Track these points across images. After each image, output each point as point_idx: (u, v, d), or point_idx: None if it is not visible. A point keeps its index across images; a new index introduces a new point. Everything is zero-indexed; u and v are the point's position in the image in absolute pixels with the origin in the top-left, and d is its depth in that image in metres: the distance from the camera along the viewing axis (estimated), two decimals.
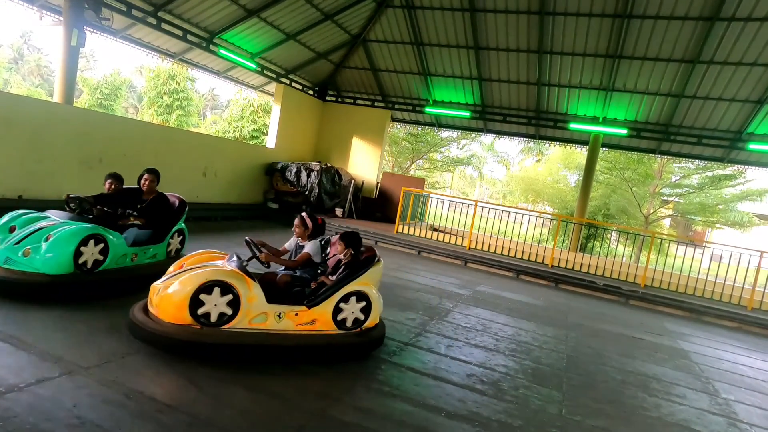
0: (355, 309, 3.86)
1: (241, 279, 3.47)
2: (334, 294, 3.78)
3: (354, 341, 3.84)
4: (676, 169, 21.20)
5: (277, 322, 3.59)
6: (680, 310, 8.78)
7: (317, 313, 3.73)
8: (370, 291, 3.92)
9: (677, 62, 10.54)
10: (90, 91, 27.07)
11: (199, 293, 3.31)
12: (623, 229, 16.38)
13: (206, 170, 10.87)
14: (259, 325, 3.53)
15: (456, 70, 12.93)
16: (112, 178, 5.02)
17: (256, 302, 3.49)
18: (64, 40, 8.23)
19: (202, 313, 3.33)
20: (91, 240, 4.12)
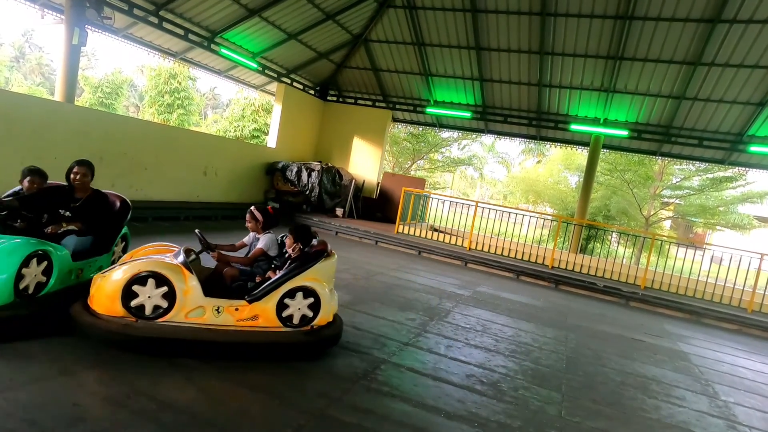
0: (302, 305, 3.66)
1: (176, 271, 3.36)
2: (277, 289, 3.60)
3: (301, 339, 3.64)
4: (676, 170, 21.20)
5: (215, 316, 3.44)
6: (680, 312, 8.78)
7: (259, 309, 3.55)
8: (319, 287, 3.70)
9: (678, 64, 10.55)
10: (91, 90, 27.10)
11: (132, 284, 3.21)
12: (623, 230, 16.37)
13: (207, 169, 10.88)
14: (197, 319, 3.40)
15: (457, 70, 12.94)
16: (33, 174, 3.84)
17: (191, 295, 3.36)
18: (65, 39, 8.24)
19: (135, 305, 3.23)
20: (34, 258, 3.25)
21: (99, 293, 3.29)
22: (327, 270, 3.87)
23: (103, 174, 8.37)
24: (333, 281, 4.04)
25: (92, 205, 3.91)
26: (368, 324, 4.95)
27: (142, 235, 7.55)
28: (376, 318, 5.21)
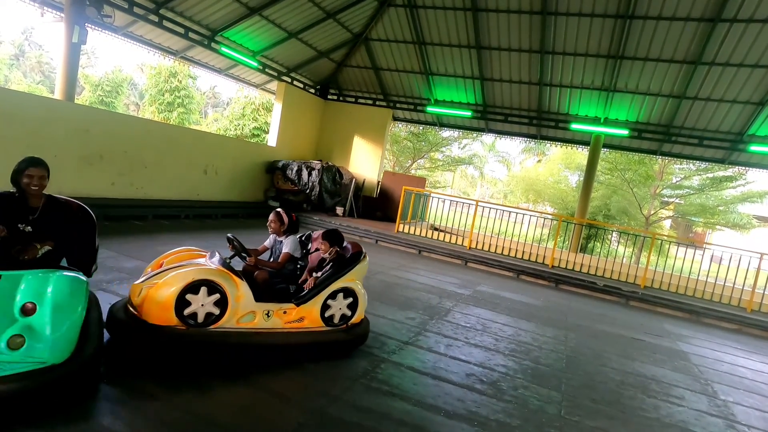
0: (342, 305, 3.88)
1: (228, 278, 3.40)
2: (322, 291, 3.79)
3: (340, 338, 3.86)
4: (676, 170, 21.20)
5: (265, 320, 3.54)
6: (680, 311, 8.79)
7: (305, 311, 3.73)
8: (357, 287, 3.96)
9: (679, 63, 10.54)
10: (91, 88, 27.10)
11: (185, 293, 3.20)
12: (624, 230, 16.39)
13: (207, 168, 10.89)
14: (247, 324, 3.47)
15: (458, 69, 12.93)
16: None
17: (244, 301, 3.42)
18: (65, 37, 8.23)
19: (188, 313, 3.22)
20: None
21: (151, 303, 3.19)
22: (362, 270, 4.10)
23: (104, 172, 8.41)
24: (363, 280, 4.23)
25: (54, 215, 3.03)
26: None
27: (144, 233, 7.58)
28: (376, 317, 5.21)
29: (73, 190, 7.85)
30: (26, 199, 2.97)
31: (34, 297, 2.46)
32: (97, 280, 4.71)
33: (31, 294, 2.47)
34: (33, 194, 2.96)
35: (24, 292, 2.46)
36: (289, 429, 2.70)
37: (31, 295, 2.46)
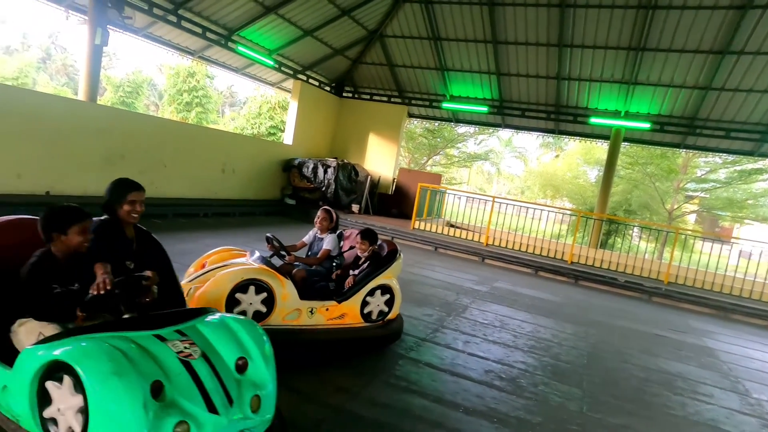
0: (380, 302, 4.01)
1: (274, 277, 3.47)
2: (362, 289, 3.89)
3: (378, 333, 3.97)
4: (701, 163, 20.63)
5: (309, 317, 3.64)
6: (706, 307, 8.54)
7: (347, 308, 3.83)
8: (393, 284, 4.08)
9: (705, 54, 10.19)
10: (113, 89, 27.68)
11: (235, 292, 3.29)
12: (646, 225, 16.00)
13: (225, 167, 11.01)
14: (292, 322, 3.57)
15: (474, 64, 12.79)
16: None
17: (289, 299, 3.51)
18: (88, 39, 8.40)
19: (238, 312, 3.28)
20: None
21: (201, 303, 3.21)
22: (398, 268, 4.20)
23: (126, 172, 8.53)
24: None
25: (145, 244, 2.75)
26: None
27: (165, 232, 7.71)
28: None
29: (97, 189, 8.02)
30: (122, 229, 2.66)
31: (237, 350, 2.15)
32: None
33: (229, 347, 2.15)
34: (130, 222, 2.65)
35: (221, 346, 2.14)
36: (308, 425, 2.71)
37: (230, 348, 2.14)
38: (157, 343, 1.95)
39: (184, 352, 1.97)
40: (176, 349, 1.96)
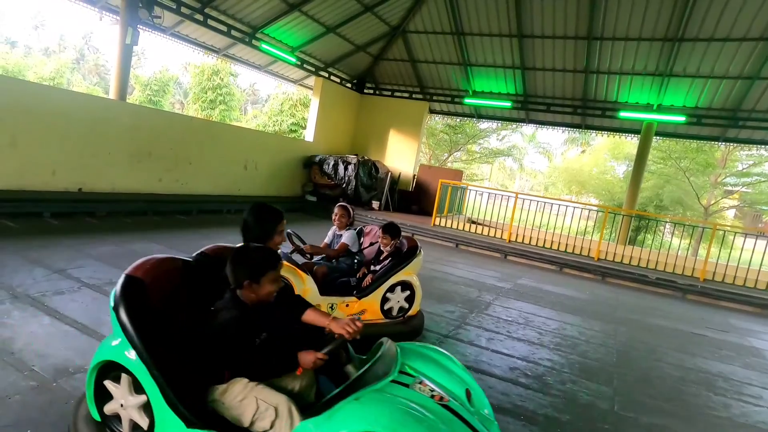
0: (401, 298, 3.99)
1: (294, 273, 3.47)
2: (382, 285, 3.89)
3: (398, 330, 3.91)
4: (743, 156, 19.80)
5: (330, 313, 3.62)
6: (748, 305, 8.20)
7: (366, 304, 3.84)
8: (414, 280, 4.05)
9: (753, 41, 9.68)
10: (141, 88, 28.34)
11: None
12: (680, 220, 15.49)
13: (247, 164, 11.16)
14: None
15: (498, 59, 12.61)
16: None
17: (310, 295, 3.49)
18: (119, 39, 8.63)
19: None
20: None
21: None
22: (418, 264, 4.20)
23: (152, 169, 8.78)
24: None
25: None
26: None
27: (190, 228, 7.88)
28: None
29: (125, 186, 8.26)
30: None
31: (460, 382, 2.09)
32: None
33: (453, 380, 2.07)
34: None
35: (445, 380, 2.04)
36: None
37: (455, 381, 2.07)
38: (410, 392, 1.79)
39: (435, 396, 1.82)
40: (426, 393, 1.81)
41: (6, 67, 27.92)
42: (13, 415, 2.28)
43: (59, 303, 3.73)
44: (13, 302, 3.60)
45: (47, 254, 4.96)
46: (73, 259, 4.92)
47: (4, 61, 28.91)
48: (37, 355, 2.87)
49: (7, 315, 3.37)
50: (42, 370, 2.70)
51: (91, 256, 5.15)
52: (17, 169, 6.68)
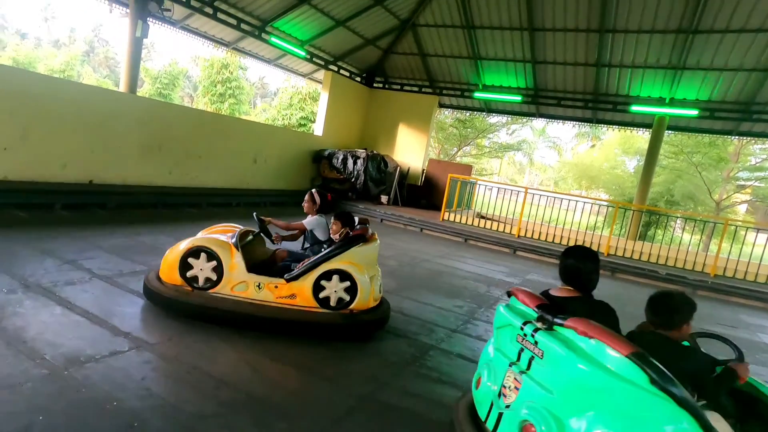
0: (338, 288, 3.71)
1: (224, 247, 3.69)
2: (312, 270, 3.70)
3: (338, 321, 3.70)
4: (756, 150, 19.45)
5: (256, 291, 3.67)
6: (758, 301, 8.09)
7: (296, 288, 3.69)
8: (355, 271, 3.71)
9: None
10: (151, 81, 28.49)
11: (188, 257, 3.64)
12: (691, 216, 15.27)
13: (257, 157, 11.19)
14: (241, 293, 3.67)
15: (508, 53, 12.47)
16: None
17: (236, 270, 3.65)
18: (129, 32, 8.67)
19: (190, 276, 3.65)
20: None
21: (164, 263, 3.77)
22: (366, 255, 3.88)
23: (162, 162, 8.83)
24: (376, 268, 4.05)
25: None
26: (415, 310, 4.94)
27: (199, 221, 7.94)
28: (423, 304, 5.19)
29: (135, 179, 8.32)
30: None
31: None
32: (157, 264, 4.98)
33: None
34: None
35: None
36: (340, 412, 2.74)
37: None
38: None
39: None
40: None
41: (17, 58, 28.22)
42: (24, 402, 2.32)
43: (70, 293, 3.78)
44: (25, 292, 3.66)
45: (58, 245, 5.03)
46: (83, 250, 4.99)
47: (14, 53, 29.22)
48: (49, 344, 2.91)
49: (19, 304, 3.42)
50: (53, 359, 2.74)
51: (101, 248, 5.21)
52: (28, 161, 6.76)
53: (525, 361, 2.16)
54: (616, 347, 1.84)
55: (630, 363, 1.78)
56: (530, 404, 2.00)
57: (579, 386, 1.88)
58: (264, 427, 2.47)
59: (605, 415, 1.80)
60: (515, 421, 2.03)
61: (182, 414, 2.45)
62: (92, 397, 2.44)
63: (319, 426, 2.56)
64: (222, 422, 2.44)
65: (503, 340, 2.36)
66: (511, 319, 2.30)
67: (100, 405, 2.39)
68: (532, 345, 2.13)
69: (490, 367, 2.34)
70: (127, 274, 4.48)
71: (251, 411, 2.59)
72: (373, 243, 3.99)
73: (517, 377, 2.13)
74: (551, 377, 2.00)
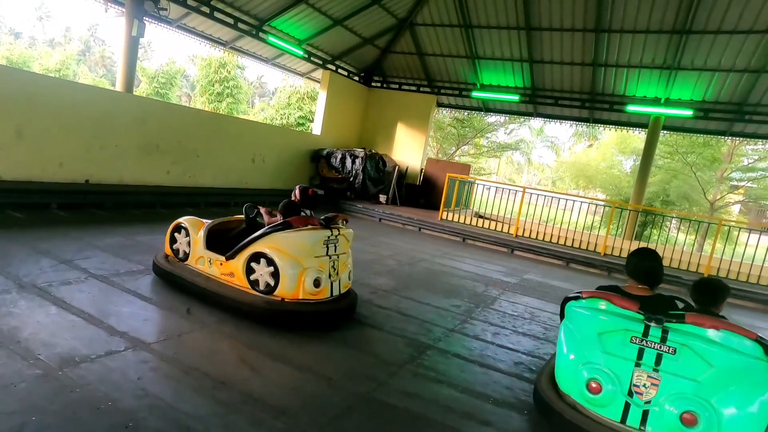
0: (265, 272, 3.72)
1: (195, 225, 4.27)
2: (243, 250, 3.87)
3: (260, 306, 3.71)
4: (748, 151, 19.58)
5: (209, 267, 4.10)
6: (751, 301, 8.13)
7: (233, 267, 3.93)
8: (279, 257, 3.68)
9: (760, 33, 9.52)
10: (148, 81, 28.47)
11: (174, 232, 4.37)
12: (686, 216, 15.36)
13: (255, 157, 11.17)
14: (201, 268, 4.18)
15: (505, 52, 12.49)
16: None
17: (198, 246, 4.18)
18: (125, 31, 8.64)
19: (175, 248, 4.35)
20: None
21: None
22: (295, 243, 3.78)
23: (160, 161, 8.82)
24: (313, 260, 3.84)
25: None
26: (413, 310, 4.93)
27: None
28: (421, 304, 5.19)
29: (133, 179, 8.30)
30: None
31: None
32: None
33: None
34: None
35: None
36: (337, 411, 2.74)
37: None
38: None
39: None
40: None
41: (10, 58, 28.11)
42: (17, 402, 2.30)
43: (66, 293, 3.76)
44: (19, 292, 3.64)
45: (54, 245, 5.01)
46: (80, 250, 4.97)
47: (8, 52, 29.10)
48: (43, 344, 2.90)
49: (13, 304, 3.40)
50: (48, 359, 2.72)
51: (98, 248, 5.19)
52: (24, 161, 6.73)
53: (651, 359, 2.51)
54: (743, 333, 2.37)
55: (757, 345, 2.33)
56: (677, 395, 2.38)
57: (723, 371, 2.35)
58: (261, 426, 2.46)
59: (746, 390, 2.30)
60: (669, 414, 2.37)
61: (179, 413, 2.44)
62: (87, 397, 2.43)
63: (317, 425, 2.56)
64: (219, 422, 2.43)
65: (612, 344, 2.64)
66: (619, 324, 2.62)
67: (95, 405, 2.38)
68: (657, 344, 2.51)
69: (608, 372, 2.58)
70: (124, 274, 4.47)
71: (249, 410, 2.58)
72: (306, 233, 3.85)
73: (651, 375, 2.48)
74: (692, 368, 2.41)
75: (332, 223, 4.16)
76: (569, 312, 2.97)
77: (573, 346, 2.79)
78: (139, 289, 4.12)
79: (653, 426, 2.44)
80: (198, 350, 3.21)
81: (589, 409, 2.63)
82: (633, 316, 2.61)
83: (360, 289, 4.97)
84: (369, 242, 8.51)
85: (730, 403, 2.29)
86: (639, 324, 2.57)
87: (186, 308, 3.81)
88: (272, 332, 3.63)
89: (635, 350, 2.54)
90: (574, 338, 2.81)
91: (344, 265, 4.12)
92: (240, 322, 3.76)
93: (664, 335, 2.48)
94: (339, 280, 4.04)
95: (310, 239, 3.86)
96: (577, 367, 2.69)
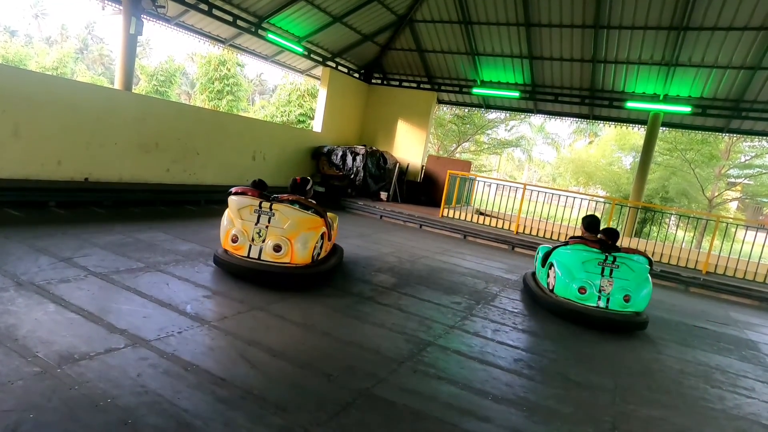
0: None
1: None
2: None
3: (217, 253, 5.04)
4: (746, 148, 19.58)
5: None
6: (748, 298, 8.14)
7: None
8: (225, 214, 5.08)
9: (755, 30, 9.53)
10: (147, 78, 28.40)
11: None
12: (685, 212, 15.35)
13: (255, 154, 11.15)
14: None
15: (505, 48, 12.45)
16: None
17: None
18: (123, 29, 8.60)
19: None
20: None
21: None
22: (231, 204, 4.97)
23: (159, 159, 8.80)
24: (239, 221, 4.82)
25: None
26: (414, 306, 4.93)
27: (198, 218, 7.91)
28: (422, 301, 5.19)
29: (132, 176, 8.29)
30: None
31: None
32: (155, 261, 4.97)
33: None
34: None
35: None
36: (337, 407, 2.73)
37: None
38: None
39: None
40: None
41: (6, 56, 28.04)
42: (15, 400, 2.30)
43: (65, 291, 3.76)
44: (17, 290, 3.64)
45: (53, 243, 5.01)
46: (79, 248, 4.96)
47: (3, 51, 29.02)
48: (42, 341, 2.89)
49: (11, 302, 3.40)
50: (46, 357, 2.72)
51: (97, 245, 5.19)
52: (21, 159, 6.72)
53: (608, 272, 5.06)
54: (642, 254, 5.23)
55: (646, 259, 5.22)
56: (621, 288, 5.01)
57: (637, 274, 5.12)
58: (261, 423, 2.46)
59: (642, 282, 5.17)
60: (618, 298, 5.02)
61: (178, 410, 2.44)
62: (85, 395, 2.43)
63: (317, 421, 2.55)
64: (219, 418, 2.43)
65: (589, 267, 5.10)
66: (592, 256, 5.13)
67: (94, 402, 2.38)
68: (611, 264, 5.06)
69: (589, 282, 5.05)
70: (124, 272, 4.46)
71: (248, 407, 2.58)
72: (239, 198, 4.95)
73: (609, 279, 5.03)
74: (626, 274, 5.08)
75: (276, 201, 4.91)
76: (561, 254, 5.42)
77: (566, 271, 5.22)
78: (138, 287, 4.11)
79: (611, 305, 5.03)
80: (197, 347, 3.20)
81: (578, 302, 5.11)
82: (597, 252, 5.15)
83: (361, 286, 5.04)
84: (370, 239, 8.51)
85: (639, 290, 5.08)
86: (601, 255, 5.10)
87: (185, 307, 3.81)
88: (273, 331, 3.64)
89: (599, 269, 5.07)
90: (566, 267, 5.25)
91: (274, 236, 4.70)
92: (239, 318, 3.75)
93: (613, 259, 5.07)
94: (261, 246, 4.70)
95: (239, 204, 4.88)
96: (571, 281, 5.15)
